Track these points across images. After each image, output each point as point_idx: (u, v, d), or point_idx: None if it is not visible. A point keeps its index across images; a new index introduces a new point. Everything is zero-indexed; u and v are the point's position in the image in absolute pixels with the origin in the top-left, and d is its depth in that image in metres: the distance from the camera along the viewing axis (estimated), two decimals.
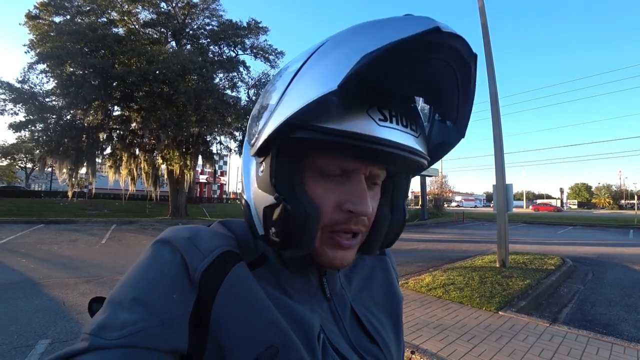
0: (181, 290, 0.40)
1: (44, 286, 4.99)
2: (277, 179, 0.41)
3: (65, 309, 4.10)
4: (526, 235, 14.26)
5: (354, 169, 0.42)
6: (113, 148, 18.32)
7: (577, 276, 6.72)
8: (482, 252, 8.74)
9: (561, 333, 3.54)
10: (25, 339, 3.23)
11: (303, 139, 0.39)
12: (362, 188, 0.42)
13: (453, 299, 4.59)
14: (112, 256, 7.53)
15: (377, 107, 0.39)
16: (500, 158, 6.78)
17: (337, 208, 0.42)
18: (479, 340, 3.29)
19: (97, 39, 14.48)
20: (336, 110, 0.37)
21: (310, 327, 0.43)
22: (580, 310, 4.71)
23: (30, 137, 15.44)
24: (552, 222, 22.51)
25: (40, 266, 6.27)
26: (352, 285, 0.54)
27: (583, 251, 9.80)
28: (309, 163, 0.42)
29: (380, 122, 0.38)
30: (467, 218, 25.44)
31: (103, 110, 16.23)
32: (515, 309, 4.20)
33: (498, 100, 6.96)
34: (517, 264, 6.76)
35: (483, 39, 7.19)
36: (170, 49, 17.05)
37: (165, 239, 0.44)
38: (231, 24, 18.24)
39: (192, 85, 14.94)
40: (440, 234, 14.68)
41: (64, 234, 10.69)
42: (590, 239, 13.63)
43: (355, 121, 0.37)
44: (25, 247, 8.23)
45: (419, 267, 6.87)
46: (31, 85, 14.67)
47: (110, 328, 0.35)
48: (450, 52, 0.35)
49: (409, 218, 21.66)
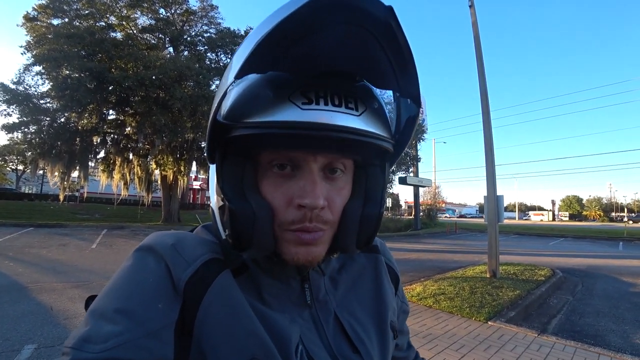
0: (166, 300, 0.39)
1: (31, 290, 4.91)
2: (224, 181, 0.41)
3: (52, 314, 4.04)
4: (518, 246, 14.37)
5: (302, 160, 0.41)
6: (107, 152, 18.20)
7: (566, 287, 6.78)
8: (474, 263, 8.79)
9: (549, 343, 3.58)
10: (11, 344, 3.17)
11: (242, 138, 0.38)
12: (311, 179, 0.40)
13: (443, 308, 4.61)
14: (102, 261, 7.43)
15: (299, 92, 0.38)
16: (492, 169, 6.88)
17: (289, 204, 0.41)
18: (468, 350, 3.31)
19: (95, 42, 14.52)
20: (263, 102, 0.37)
21: (288, 340, 0.42)
22: (569, 320, 4.76)
23: (22, 138, 15.29)
24: (543, 234, 22.73)
25: (29, 270, 6.17)
26: (338, 289, 0.52)
27: (573, 262, 9.90)
28: (258, 162, 0.42)
29: (302, 106, 0.37)
30: (459, 229, 25.58)
31: (98, 113, 16.17)
32: (505, 319, 4.23)
33: (489, 112, 7.10)
34: (508, 275, 6.81)
35: (475, 52, 7.35)
36: (167, 54, 17.15)
37: (148, 246, 0.43)
38: (229, 32, 18.39)
39: (189, 92, 14.97)
40: (432, 244, 14.73)
41: (53, 238, 10.53)
42: (581, 250, 13.76)
43: (280, 110, 0.37)
44: (14, 250, 8.10)
45: (410, 277, 6.89)
46: (26, 86, 14.65)
47: (94, 341, 0.34)
48: (354, 13, 0.32)
49: (402, 227, 21.92)
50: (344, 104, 0.39)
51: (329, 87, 0.39)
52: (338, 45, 0.36)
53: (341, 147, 0.40)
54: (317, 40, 0.35)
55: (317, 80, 0.39)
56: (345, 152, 0.42)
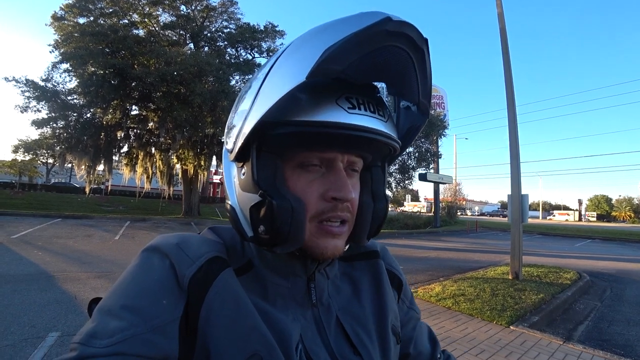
0: (171, 296, 0.40)
1: (57, 279, 5.12)
2: (260, 178, 0.43)
3: (76, 303, 4.19)
4: (541, 247, 13.86)
5: (332, 158, 0.45)
6: (130, 146, 18.71)
7: (594, 292, 6.47)
8: (495, 263, 8.54)
9: (575, 352, 3.41)
10: (36, 331, 3.30)
11: (279, 136, 0.41)
12: (342, 176, 0.45)
13: (463, 310, 4.48)
14: (124, 253, 7.67)
15: (344, 97, 0.42)
16: (516, 167, 6.62)
17: (321, 198, 0.44)
18: (488, 355, 3.19)
19: (118, 40, 14.85)
20: (307, 104, 0.40)
21: (288, 337, 0.43)
22: (597, 328, 4.53)
23: (51, 133, 15.88)
24: (569, 235, 21.84)
25: (55, 259, 6.44)
26: (340, 295, 0.54)
27: (601, 266, 9.45)
28: (289, 159, 0.45)
29: (349, 110, 0.41)
30: (480, 227, 24.92)
31: (121, 109, 16.62)
32: (528, 324, 4.07)
33: (515, 107, 6.81)
34: (531, 277, 6.56)
35: (501, 44, 7.07)
36: (188, 50, 17.35)
37: (154, 246, 0.45)
38: (248, 27, 18.44)
39: (209, 87, 15.14)
40: (452, 243, 14.42)
41: (79, 229, 10.96)
42: (610, 253, 13.13)
43: (327, 111, 0.41)
44: (43, 240, 8.47)
45: (429, 276, 6.76)
46: (54, 83, 15.14)
47: (100, 336, 0.35)
48: (402, 38, 0.39)
49: (421, 225, 21.55)
50: (377, 111, 0.44)
51: (365, 95, 0.44)
52: (387, 62, 0.42)
53: (368, 147, 0.46)
54: (374, 55, 0.39)
55: (356, 89, 0.44)
56: (368, 151, 0.48)
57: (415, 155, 19.77)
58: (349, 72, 0.40)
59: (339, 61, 0.37)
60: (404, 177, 19.77)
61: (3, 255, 6.48)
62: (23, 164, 32.69)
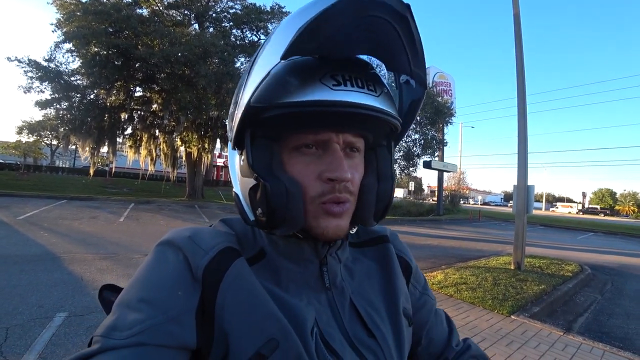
0: (185, 287, 0.42)
1: (63, 260, 5.18)
2: (255, 161, 0.43)
3: (83, 284, 4.25)
4: (543, 239, 13.86)
5: (327, 139, 0.44)
6: (133, 128, 18.65)
7: (595, 285, 6.50)
8: (497, 253, 8.57)
9: (575, 343, 3.44)
10: (44, 311, 3.36)
11: (270, 120, 0.42)
12: (337, 156, 0.44)
13: (464, 299, 4.52)
14: (129, 234, 7.75)
15: (329, 75, 0.42)
16: (524, 158, 6.54)
17: (318, 179, 0.44)
18: (489, 344, 3.22)
19: (122, 19, 14.55)
20: (293, 86, 0.41)
21: (303, 321, 0.44)
22: (597, 321, 4.56)
23: (55, 115, 15.84)
24: (571, 227, 21.82)
25: (62, 241, 6.51)
26: (353, 278, 0.54)
27: (603, 259, 9.47)
28: (285, 143, 0.45)
29: (334, 87, 0.41)
30: (483, 217, 24.92)
31: (125, 90, 16.50)
32: (529, 315, 4.10)
33: (525, 97, 6.69)
34: (533, 268, 6.59)
35: (514, 30, 6.87)
36: (192, 31, 17.02)
37: (167, 240, 0.46)
38: (255, 8, 18.01)
39: (213, 69, 14.93)
40: (455, 231, 14.44)
41: (84, 211, 11.06)
42: (612, 247, 13.14)
43: (311, 91, 0.41)
44: (48, 221, 8.56)
45: (431, 264, 6.79)
46: (57, 64, 14.93)
47: (120, 328, 0.37)
48: (380, 7, 0.38)
49: (424, 212, 21.55)
50: (366, 86, 0.43)
51: (352, 72, 0.43)
52: (367, 34, 0.41)
53: (363, 125, 0.46)
54: (350, 28, 0.39)
55: (342, 66, 0.43)
56: (364, 130, 0.47)
57: (420, 142, 19.59)
58: (327, 49, 0.41)
59: (313, 38, 0.37)
60: (408, 163, 19.65)
61: (10, 236, 6.56)
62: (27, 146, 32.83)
